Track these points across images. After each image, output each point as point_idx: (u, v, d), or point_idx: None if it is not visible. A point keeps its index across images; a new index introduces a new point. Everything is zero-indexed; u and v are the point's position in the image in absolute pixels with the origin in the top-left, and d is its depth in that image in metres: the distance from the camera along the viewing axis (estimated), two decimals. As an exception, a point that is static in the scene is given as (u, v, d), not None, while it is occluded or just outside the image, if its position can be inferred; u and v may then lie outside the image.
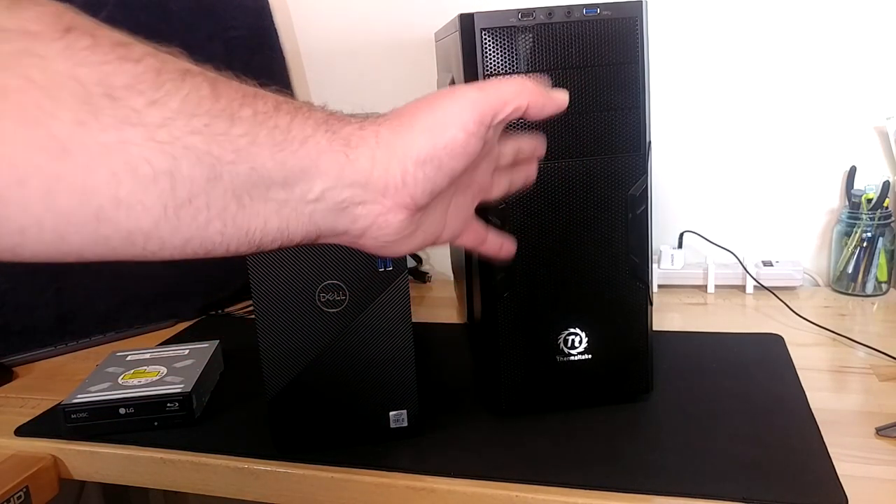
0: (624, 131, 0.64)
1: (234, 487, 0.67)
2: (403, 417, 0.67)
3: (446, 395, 0.76)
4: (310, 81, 1.21)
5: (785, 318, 0.91)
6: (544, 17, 0.61)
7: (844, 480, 0.56)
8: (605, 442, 0.64)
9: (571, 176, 0.64)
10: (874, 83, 0.97)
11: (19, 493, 0.67)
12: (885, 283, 0.98)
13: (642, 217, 0.66)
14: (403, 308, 0.64)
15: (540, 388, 0.69)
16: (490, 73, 0.62)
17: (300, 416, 0.65)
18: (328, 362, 0.64)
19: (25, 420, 0.76)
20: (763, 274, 1.01)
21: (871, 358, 0.78)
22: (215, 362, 0.84)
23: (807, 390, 0.71)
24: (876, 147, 1.00)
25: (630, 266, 0.67)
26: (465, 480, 0.60)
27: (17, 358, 0.93)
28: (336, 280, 0.63)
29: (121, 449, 0.70)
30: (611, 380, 0.69)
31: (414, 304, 1.07)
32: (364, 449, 0.66)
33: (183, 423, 0.72)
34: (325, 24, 1.17)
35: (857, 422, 0.65)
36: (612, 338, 0.68)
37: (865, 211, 0.96)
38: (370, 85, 1.18)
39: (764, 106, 1.02)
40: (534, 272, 0.66)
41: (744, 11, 0.99)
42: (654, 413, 0.69)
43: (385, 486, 0.62)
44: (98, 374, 0.78)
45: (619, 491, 0.57)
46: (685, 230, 1.08)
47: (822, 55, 0.98)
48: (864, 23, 0.95)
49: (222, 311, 1.09)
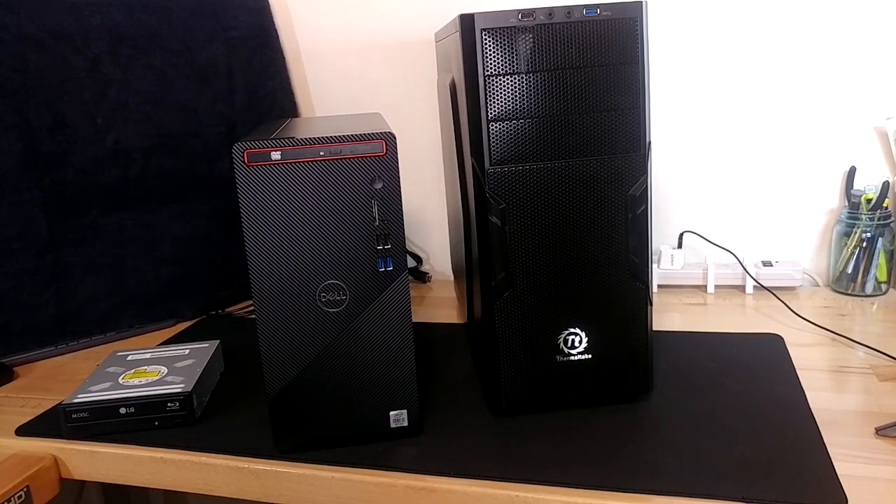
0: (624, 131, 0.64)
1: (234, 487, 0.67)
2: (403, 417, 0.67)
3: (446, 395, 0.76)
4: (310, 81, 1.21)
5: (785, 319, 0.91)
6: (544, 18, 0.62)
7: (844, 480, 0.56)
8: (605, 442, 0.64)
9: (571, 176, 0.64)
10: (874, 83, 0.97)
11: (20, 493, 0.67)
12: (884, 284, 0.98)
13: (642, 217, 0.66)
14: (403, 308, 0.64)
15: (540, 388, 0.69)
16: (490, 74, 0.62)
17: (300, 416, 0.65)
18: (328, 362, 0.64)
19: (26, 420, 0.76)
20: (763, 274, 1.01)
21: (871, 358, 0.78)
22: (215, 362, 0.84)
23: (807, 390, 0.71)
24: (876, 147, 1.00)
25: (630, 266, 0.67)
26: (465, 480, 0.60)
27: (18, 358, 0.93)
28: (336, 280, 0.63)
29: (121, 449, 0.70)
30: (610, 380, 0.69)
31: (414, 304, 1.07)
32: (364, 449, 0.66)
33: (183, 422, 0.72)
34: (325, 24, 1.17)
35: (856, 422, 0.65)
36: (612, 338, 0.68)
37: (865, 211, 0.96)
38: (370, 85, 1.18)
39: (764, 106, 1.02)
40: (534, 272, 0.66)
41: (744, 12, 0.99)
42: (654, 413, 0.69)
43: (385, 485, 0.62)
44: (98, 373, 0.78)
45: (618, 491, 0.57)
46: (685, 230, 1.08)
47: (821, 55, 0.98)
48: (864, 23, 0.95)
49: (222, 311, 1.09)
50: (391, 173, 0.61)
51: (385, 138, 0.61)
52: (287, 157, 0.60)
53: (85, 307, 0.98)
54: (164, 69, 0.99)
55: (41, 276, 0.94)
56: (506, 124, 0.63)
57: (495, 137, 0.64)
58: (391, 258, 0.63)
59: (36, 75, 0.90)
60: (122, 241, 0.99)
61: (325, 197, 0.61)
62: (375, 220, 0.62)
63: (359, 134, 0.60)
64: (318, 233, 0.62)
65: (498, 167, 0.64)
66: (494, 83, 0.63)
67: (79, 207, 0.95)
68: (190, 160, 1.02)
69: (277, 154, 0.60)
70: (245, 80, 1.07)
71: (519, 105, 0.63)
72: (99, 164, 0.95)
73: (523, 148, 0.64)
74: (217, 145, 1.04)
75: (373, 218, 0.62)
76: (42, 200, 0.93)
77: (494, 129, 0.63)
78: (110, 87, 0.95)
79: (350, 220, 0.62)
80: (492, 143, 0.64)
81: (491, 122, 0.63)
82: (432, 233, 1.22)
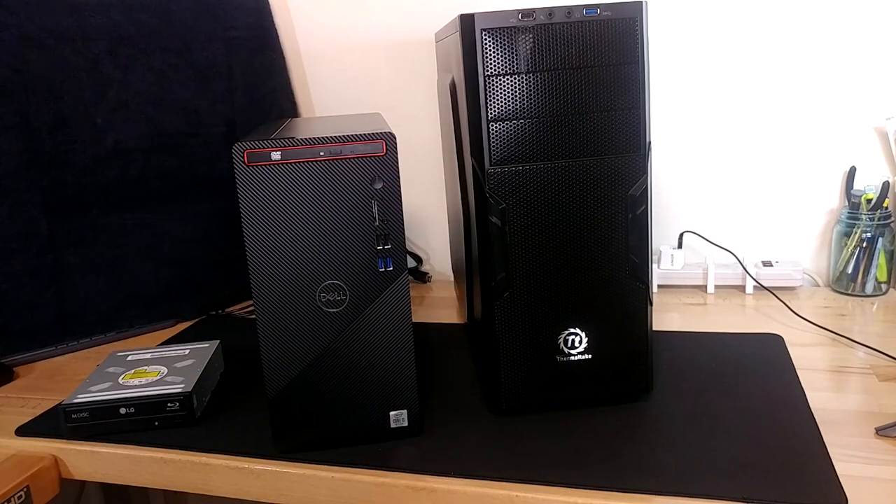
0: (624, 131, 0.64)
1: (234, 487, 0.67)
2: (403, 417, 0.67)
3: (446, 395, 0.76)
4: (310, 81, 1.21)
5: (785, 319, 0.91)
6: (544, 18, 0.62)
7: (844, 480, 0.56)
8: (605, 442, 0.64)
9: (571, 176, 0.64)
10: (874, 83, 0.97)
11: (20, 493, 0.67)
12: (884, 284, 0.98)
13: (642, 217, 0.66)
14: (403, 308, 0.64)
15: (540, 388, 0.69)
16: (490, 74, 0.62)
17: (300, 416, 0.65)
18: (328, 362, 0.64)
19: (26, 420, 0.76)
20: (763, 274, 1.01)
21: (871, 358, 0.78)
22: (215, 362, 0.84)
23: (807, 390, 0.71)
24: (876, 147, 1.00)
25: (630, 266, 0.67)
26: (465, 480, 0.60)
27: (18, 358, 0.93)
28: (336, 280, 0.63)
29: (121, 449, 0.70)
30: (611, 380, 0.69)
31: (414, 304, 1.07)
32: (364, 449, 0.66)
33: (183, 423, 0.72)
34: (325, 24, 1.17)
35: (856, 422, 0.65)
36: (612, 338, 0.68)
37: (865, 211, 0.96)
38: (370, 85, 1.18)
39: (764, 106, 1.02)
40: (534, 272, 0.66)
41: (744, 12, 0.99)
42: (654, 413, 0.69)
43: (385, 486, 0.62)
44: (98, 373, 0.78)
45: (618, 491, 0.57)
46: (685, 230, 1.08)
47: (821, 55, 0.98)
48: (864, 23, 0.95)
49: (222, 311, 1.09)
50: (391, 173, 0.61)
51: (385, 138, 0.61)
52: (287, 157, 0.60)
53: (85, 307, 0.98)
54: (164, 69, 0.99)
55: (41, 276, 0.94)
56: (506, 124, 0.63)
57: (495, 137, 0.64)
58: (391, 258, 0.63)
59: (36, 75, 0.90)
60: (122, 241, 0.99)
61: (325, 197, 0.61)
62: (375, 220, 0.62)
63: (359, 134, 0.61)
64: (318, 233, 0.62)
65: (498, 167, 0.64)
66: (494, 83, 0.63)
67: (79, 207, 0.95)
68: (190, 160, 1.02)
69: (277, 154, 0.60)
70: (245, 80, 1.07)
71: (519, 105, 0.63)
72: (99, 164, 0.95)
73: (523, 148, 0.64)
74: (217, 145, 1.04)
75: (373, 218, 0.62)
76: (42, 200, 0.93)
77: (494, 129, 0.63)
78: (110, 87, 0.95)
79: (350, 220, 0.62)
80: (492, 143, 0.64)
81: (491, 122, 0.63)
82: (432, 233, 1.22)
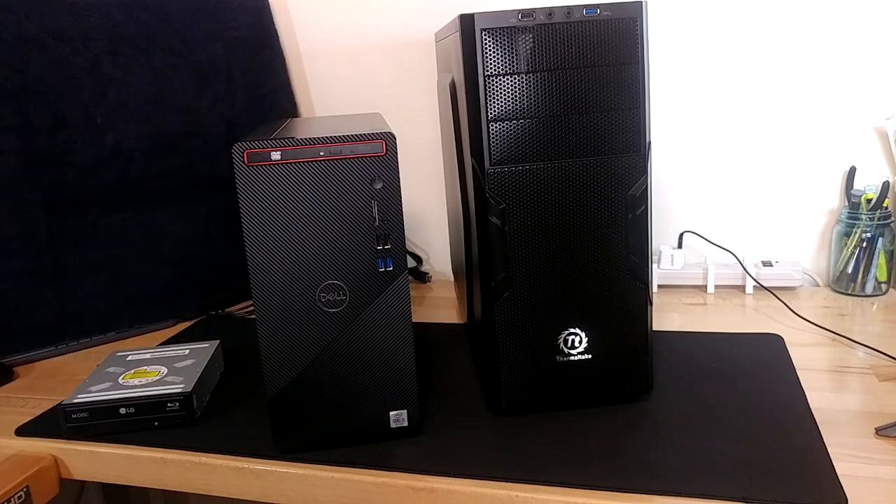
0: (624, 131, 0.64)
1: (234, 487, 0.67)
2: (403, 417, 0.67)
3: (446, 395, 0.76)
4: (310, 81, 1.21)
5: (785, 319, 0.91)
6: (544, 18, 0.62)
7: (844, 480, 0.56)
8: (605, 442, 0.64)
9: (571, 176, 0.64)
10: (874, 83, 0.97)
11: (20, 493, 0.67)
12: (884, 284, 0.98)
13: (642, 217, 0.66)
14: (403, 308, 0.64)
15: (540, 388, 0.69)
16: (490, 74, 0.62)
17: (300, 416, 0.65)
18: (328, 362, 0.64)
19: (26, 420, 0.76)
20: (763, 274, 1.01)
21: (871, 358, 0.78)
22: (215, 362, 0.84)
23: (806, 390, 0.71)
24: (876, 147, 1.00)
25: (630, 266, 0.67)
26: (465, 480, 0.60)
27: (18, 358, 0.93)
28: (336, 280, 0.63)
29: (121, 449, 0.70)
30: (611, 380, 0.69)
31: (414, 304, 1.07)
32: (364, 449, 0.66)
33: (183, 423, 0.72)
34: (325, 24, 1.17)
35: (856, 422, 0.65)
36: (612, 338, 0.68)
37: (865, 211, 0.96)
38: (370, 85, 1.18)
39: (763, 106, 1.02)
40: (534, 272, 0.66)
41: (743, 12, 0.99)
42: (654, 413, 0.69)
43: (385, 486, 0.62)
44: (98, 374, 0.78)
45: (618, 491, 0.57)
46: (685, 230, 1.08)
47: (821, 55, 0.98)
48: (864, 23, 0.95)
49: (222, 311, 1.09)
50: (391, 173, 0.61)
51: (385, 138, 0.61)
52: (287, 157, 0.60)
53: (85, 307, 0.98)
54: (164, 69, 0.99)
55: (41, 276, 0.94)
56: (506, 124, 0.63)
57: (495, 137, 0.64)
58: (391, 258, 0.63)
59: (36, 75, 0.90)
60: (123, 241, 0.99)
61: (325, 197, 0.61)
62: (375, 220, 0.62)
63: (359, 134, 0.60)
64: (318, 233, 0.62)
65: (498, 167, 0.64)
66: (494, 83, 0.63)
67: (79, 207, 0.95)
68: (190, 160, 1.02)
69: (277, 154, 0.60)
70: (245, 80, 1.07)
71: (519, 105, 0.63)
72: (99, 164, 0.95)
73: (523, 148, 0.64)
74: (217, 145, 1.04)
75: (373, 218, 0.62)
76: (42, 200, 0.93)
77: (494, 129, 0.63)
78: (110, 87, 0.95)
79: (350, 220, 0.62)
80: (492, 143, 0.64)
81: (491, 122, 0.63)
82: (432, 233, 1.22)
